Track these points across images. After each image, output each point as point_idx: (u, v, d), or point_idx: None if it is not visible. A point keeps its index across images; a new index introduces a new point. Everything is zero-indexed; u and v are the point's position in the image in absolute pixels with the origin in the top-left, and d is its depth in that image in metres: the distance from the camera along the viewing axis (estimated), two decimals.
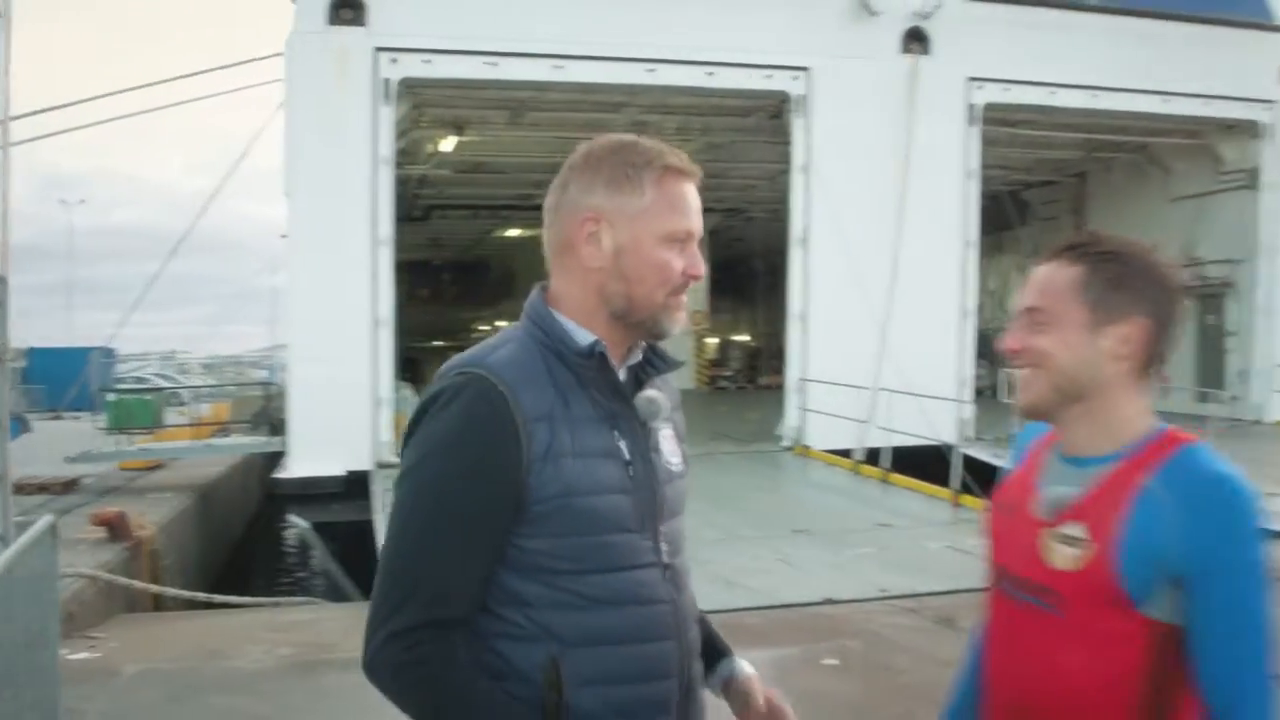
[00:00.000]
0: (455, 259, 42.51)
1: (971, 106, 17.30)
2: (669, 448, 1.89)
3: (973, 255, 17.59)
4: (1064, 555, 1.75)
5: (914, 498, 13.04)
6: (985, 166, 18.05)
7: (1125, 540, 1.70)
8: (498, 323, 48.38)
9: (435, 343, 49.23)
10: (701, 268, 1.84)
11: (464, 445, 1.67)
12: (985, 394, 21.20)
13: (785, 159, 17.26)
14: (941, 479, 13.29)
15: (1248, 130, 19.50)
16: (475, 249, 39.75)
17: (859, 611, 7.77)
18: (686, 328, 1.84)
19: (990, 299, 25.81)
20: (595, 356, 1.78)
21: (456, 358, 1.80)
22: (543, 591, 1.70)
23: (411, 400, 13.64)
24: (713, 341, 36.23)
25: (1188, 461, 1.74)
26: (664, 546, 1.82)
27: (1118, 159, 22.95)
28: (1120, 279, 1.79)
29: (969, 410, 16.39)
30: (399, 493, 1.73)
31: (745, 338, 38.73)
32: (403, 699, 1.69)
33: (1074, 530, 1.76)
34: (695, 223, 1.85)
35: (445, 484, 1.68)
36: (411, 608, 1.65)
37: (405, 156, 18.30)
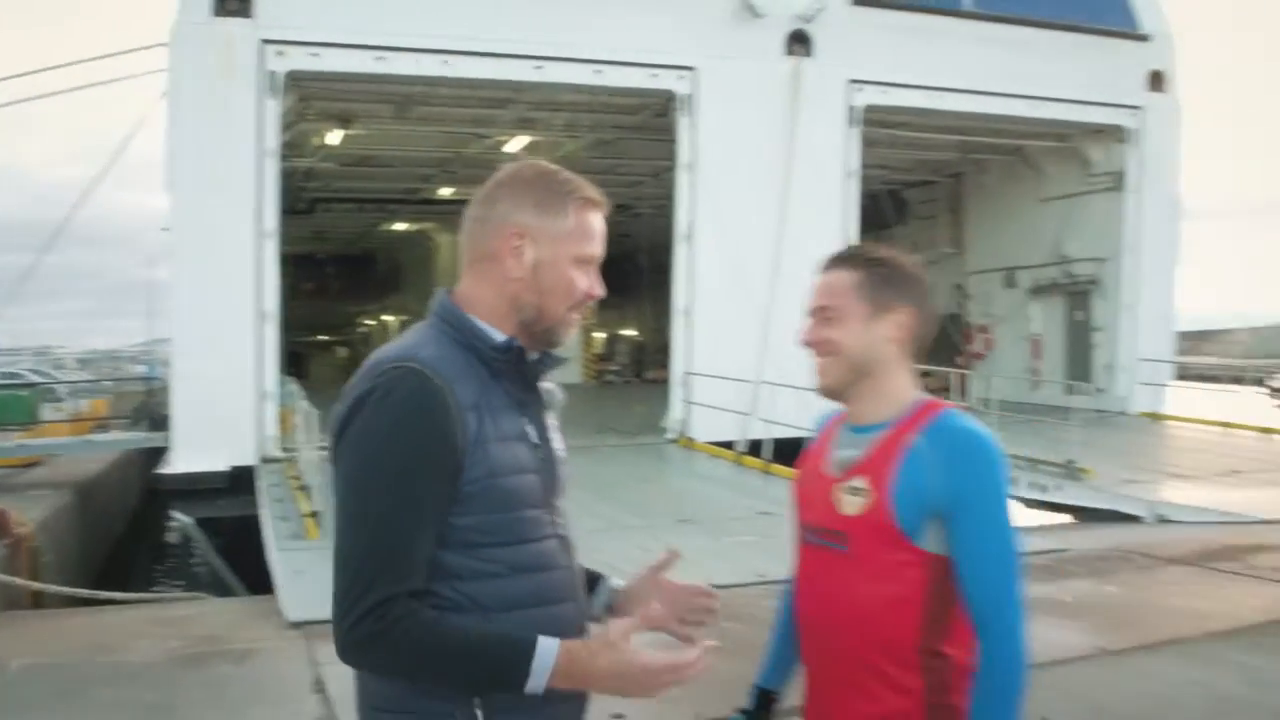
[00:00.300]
0: (340, 252, 42.07)
1: (852, 108, 17.75)
2: (557, 435, 2.14)
3: None
4: (851, 504, 2.17)
5: None
6: (865, 166, 18.54)
7: (897, 487, 2.12)
8: (384, 317, 48.16)
9: (320, 337, 48.72)
10: (600, 289, 2.07)
11: (416, 431, 1.84)
12: None
13: (671, 156, 17.51)
14: None
15: (1114, 135, 20.37)
16: (361, 242, 39.40)
17: (740, 596, 7.98)
18: (568, 339, 2.10)
19: None
20: (513, 351, 1.99)
21: (381, 355, 1.96)
22: (468, 564, 1.89)
23: (298, 395, 13.59)
24: (600, 336, 36.48)
25: (945, 422, 2.17)
26: (559, 520, 2.08)
27: (993, 160, 23.70)
28: (889, 278, 2.24)
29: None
30: (351, 481, 1.87)
31: (632, 332, 39.01)
32: (390, 663, 1.83)
33: (858, 483, 2.17)
34: (600, 249, 2.07)
35: (403, 467, 1.83)
36: (382, 583, 1.79)
37: (290, 149, 18.13)
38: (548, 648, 1.82)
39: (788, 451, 14.49)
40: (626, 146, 21.49)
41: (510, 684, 1.82)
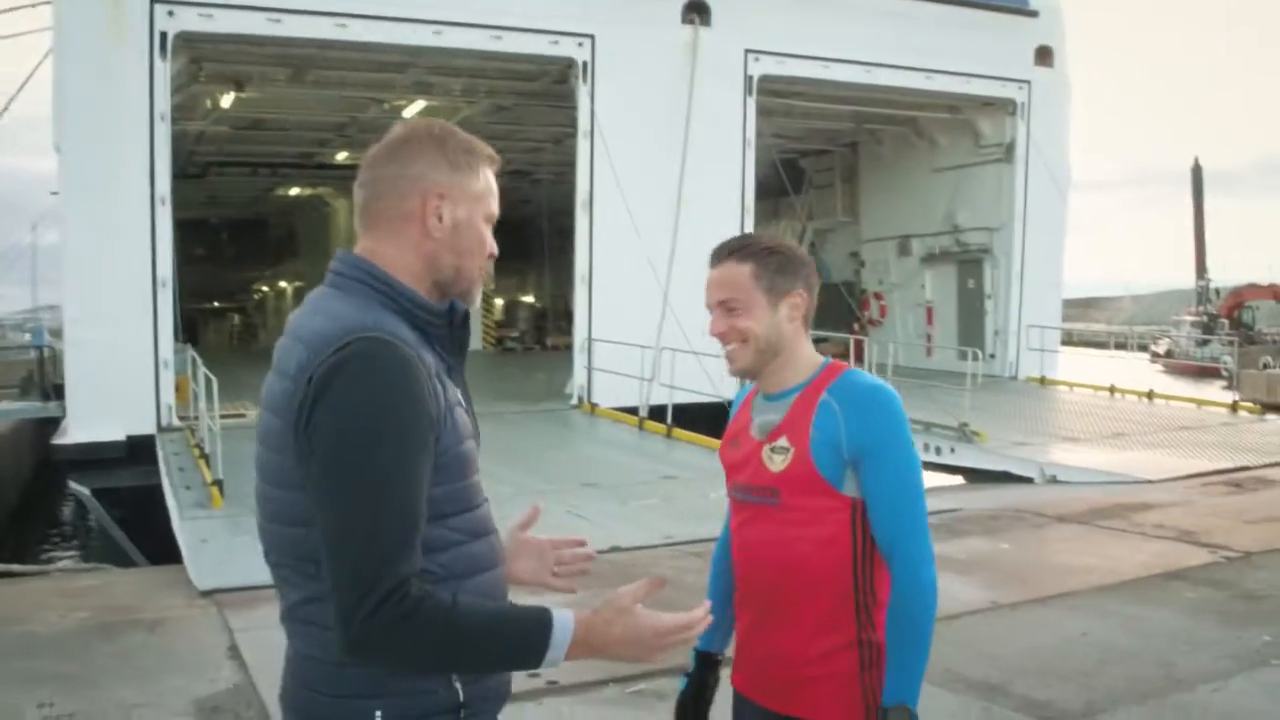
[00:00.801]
0: (234, 218, 41.19)
1: (749, 77, 17.93)
2: None
3: (749, 221, 18.29)
4: (777, 461, 2.38)
5: (696, 451, 13.60)
6: (762, 136, 18.78)
7: (814, 441, 2.33)
8: (280, 283, 47.35)
9: (213, 304, 47.75)
10: (495, 247, 2.07)
11: (403, 402, 1.77)
12: None
13: (571, 123, 17.54)
14: (720, 433, 13.86)
15: (1004, 107, 20.92)
16: (254, 208, 38.65)
17: (647, 557, 8.22)
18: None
19: None
20: (452, 314, 1.99)
21: (326, 327, 1.83)
22: (441, 534, 1.85)
23: (197, 363, 13.39)
24: (500, 303, 36.37)
25: (848, 379, 2.40)
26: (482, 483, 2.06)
27: (887, 131, 24.14)
28: (781, 266, 2.44)
29: None
30: (341, 459, 1.74)
31: (531, 299, 38.96)
32: (414, 651, 1.74)
33: (781, 442, 2.39)
34: (498, 208, 2.07)
35: (397, 439, 1.75)
36: (397, 563, 1.72)
37: (182, 112, 17.75)
38: (564, 620, 1.80)
39: (689, 417, 14.76)
40: (526, 112, 21.42)
41: (530, 660, 1.80)
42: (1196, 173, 63.30)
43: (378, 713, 1.83)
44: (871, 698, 2.32)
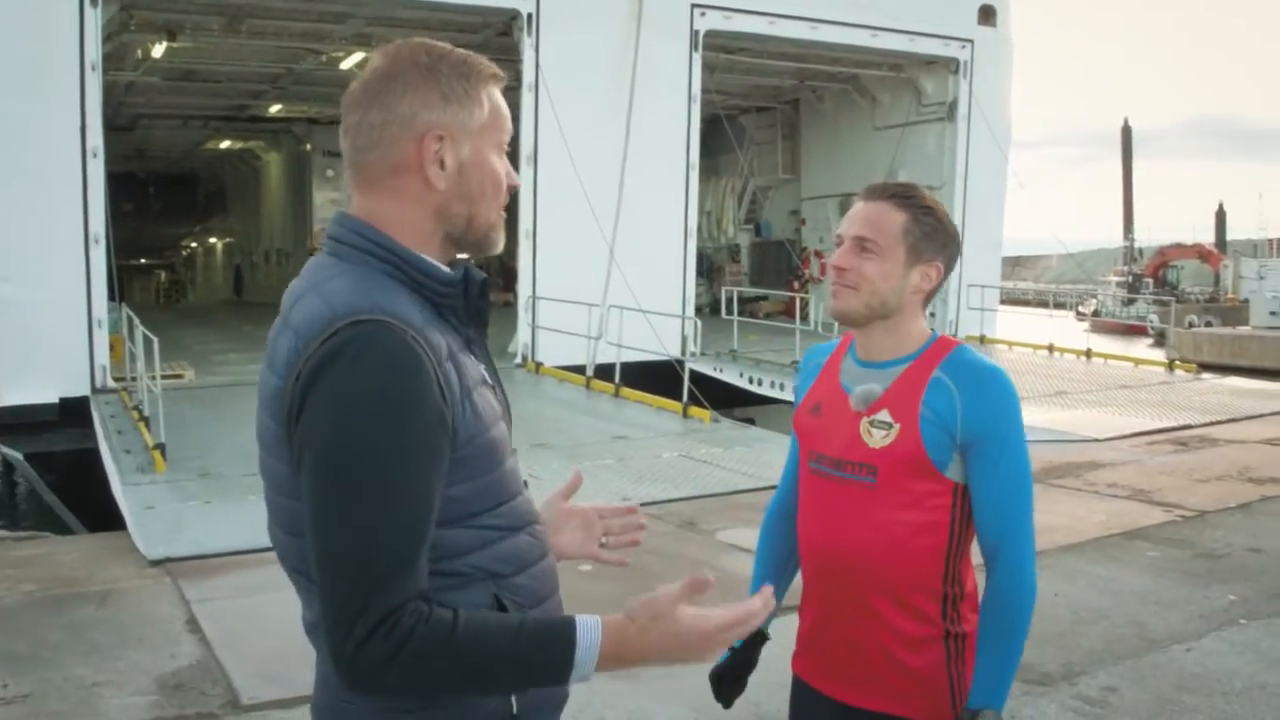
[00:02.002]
0: (163, 171, 40.18)
1: (695, 32, 17.73)
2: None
3: (694, 177, 18.18)
4: (879, 437, 2.20)
5: (645, 410, 13.52)
6: (705, 92, 18.60)
7: (923, 419, 2.17)
8: (210, 239, 46.38)
9: (139, 261, 46.68)
10: (517, 177, 1.80)
11: (400, 403, 1.52)
12: (703, 311, 22.07)
13: (515, 76, 17.24)
14: (668, 392, 13.85)
15: (947, 66, 20.89)
16: (185, 161, 37.73)
17: None
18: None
19: (707, 220, 26.71)
20: (467, 283, 1.72)
21: (324, 307, 1.58)
22: (471, 535, 1.64)
23: (134, 322, 13.02)
24: None
25: (963, 357, 2.24)
26: (521, 467, 1.83)
27: (829, 88, 24.07)
28: (933, 231, 2.26)
29: (691, 326, 17.01)
30: (332, 465, 1.52)
31: (463, 256, 38.50)
32: (415, 682, 1.51)
33: (883, 416, 2.21)
34: (510, 128, 1.77)
35: (398, 444, 1.52)
36: (388, 589, 1.49)
37: (111, 62, 17.18)
38: (590, 631, 1.55)
39: (636, 375, 14.66)
40: None
41: (552, 678, 1.57)
42: (1126, 133, 64.32)
43: None
44: (958, 694, 2.19)
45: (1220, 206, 76.20)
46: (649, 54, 16.98)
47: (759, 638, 2.45)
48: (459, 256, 1.78)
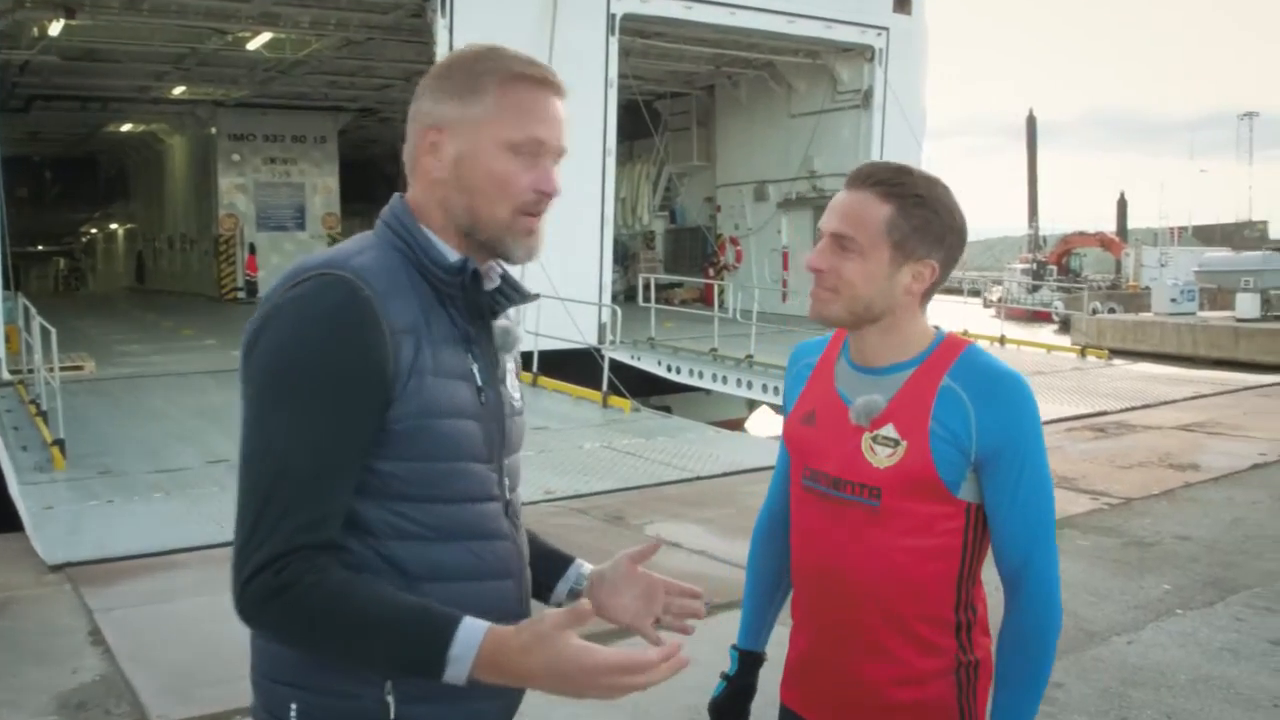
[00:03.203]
0: (60, 155, 38.93)
1: (612, 15, 17.50)
2: (513, 382, 1.85)
3: (611, 163, 17.99)
4: (883, 455, 1.94)
5: (564, 400, 13.36)
6: (621, 76, 18.39)
7: (933, 435, 1.91)
8: (110, 225, 45.10)
9: (36, 247, 45.25)
10: (553, 184, 1.73)
11: (334, 351, 1.55)
12: (618, 298, 21.92)
13: (426, 59, 16.86)
14: (585, 381, 13.67)
15: (863, 54, 20.93)
16: (84, 145, 36.58)
17: (530, 514, 7.80)
18: (531, 253, 1.74)
19: (622, 206, 26.54)
20: (465, 274, 1.69)
21: (305, 261, 1.65)
22: (388, 519, 1.61)
23: (25, 312, 12.49)
24: None
25: (974, 360, 1.97)
26: (506, 480, 1.78)
27: (744, 75, 24.02)
28: (925, 225, 1.94)
29: (610, 314, 16.83)
30: (255, 407, 1.57)
31: None
32: (285, 629, 1.54)
33: (887, 432, 1.95)
34: (546, 132, 1.72)
35: (319, 392, 1.54)
36: (285, 532, 1.51)
37: (4, 40, 16.54)
38: (472, 632, 1.49)
39: (554, 364, 14.45)
40: (377, 47, 20.64)
41: (424, 669, 1.50)
42: (1030, 124, 65.35)
43: (293, 706, 1.63)
44: None
45: (1122, 196, 78.06)
46: (565, 37, 16.69)
47: (756, 660, 2.25)
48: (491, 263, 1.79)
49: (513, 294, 1.81)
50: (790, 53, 21.52)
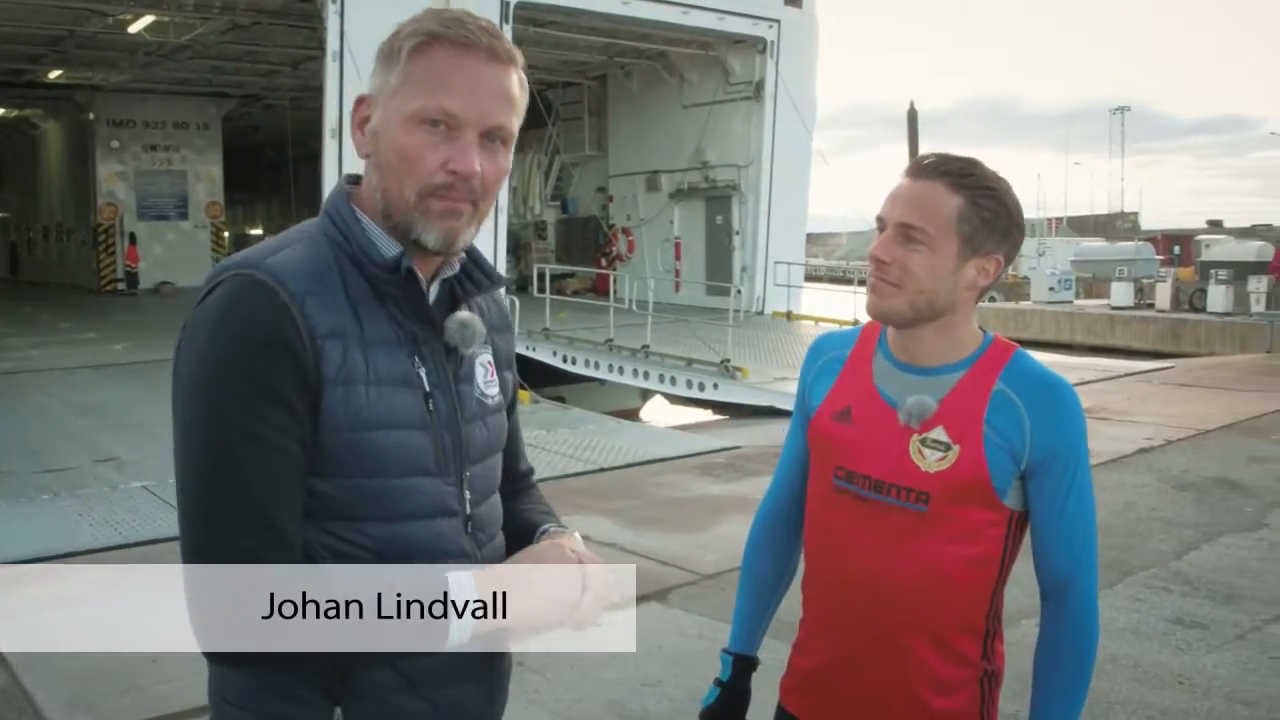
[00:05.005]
0: None
1: (506, 4, 17.39)
2: (484, 377, 1.68)
3: (509, 151, 17.82)
4: (930, 459, 1.89)
5: None
6: None
7: (986, 440, 1.86)
8: None
9: None
10: (470, 163, 1.49)
11: (237, 356, 1.41)
12: (510, 288, 21.78)
13: (314, 45, 16.57)
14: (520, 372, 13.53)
15: (755, 46, 21.18)
16: None
17: None
18: (449, 241, 1.52)
19: (514, 196, 26.39)
20: (400, 272, 1.52)
21: (226, 260, 1.52)
22: (323, 539, 1.48)
23: None
24: (227, 236, 34.59)
25: (1024, 365, 1.92)
26: (467, 494, 1.60)
27: (637, 65, 24.10)
28: (994, 218, 1.89)
29: (507, 304, 16.68)
30: (179, 421, 1.45)
31: (259, 231, 37.25)
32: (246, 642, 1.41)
33: (937, 434, 1.89)
34: (459, 104, 1.48)
35: (237, 402, 1.41)
36: (232, 538, 1.40)
37: None
38: (459, 571, 1.46)
39: None
40: (264, 32, 20.21)
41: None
42: (911, 116, 66.45)
43: None
44: None
45: None
46: None
47: (750, 664, 2.20)
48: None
49: (482, 280, 1.66)
50: (683, 44, 21.66)
